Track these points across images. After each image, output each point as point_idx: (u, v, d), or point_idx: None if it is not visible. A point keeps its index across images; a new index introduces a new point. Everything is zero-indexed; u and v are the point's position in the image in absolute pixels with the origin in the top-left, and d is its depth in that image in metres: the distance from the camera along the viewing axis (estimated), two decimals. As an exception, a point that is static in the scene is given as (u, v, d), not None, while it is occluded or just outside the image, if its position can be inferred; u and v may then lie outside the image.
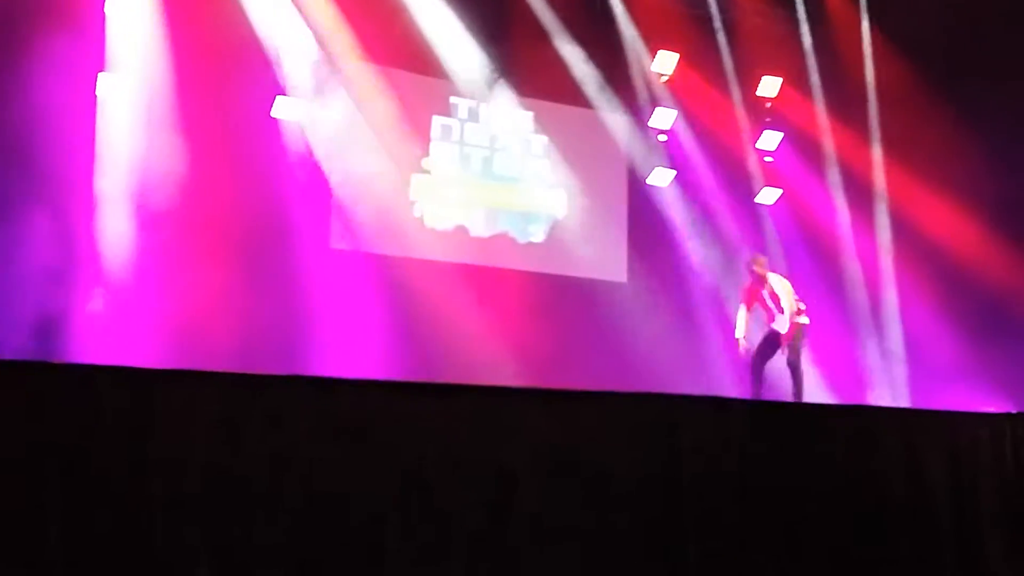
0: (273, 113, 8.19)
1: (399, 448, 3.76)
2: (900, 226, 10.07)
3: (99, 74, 7.48)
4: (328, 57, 8.50)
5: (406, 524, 3.72)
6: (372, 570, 3.62)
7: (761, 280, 7.66)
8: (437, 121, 9.19)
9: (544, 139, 9.61)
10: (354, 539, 3.65)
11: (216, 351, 7.04)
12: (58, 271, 7.10)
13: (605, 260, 9.63)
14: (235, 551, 3.45)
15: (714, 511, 4.40)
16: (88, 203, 7.41)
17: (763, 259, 7.89)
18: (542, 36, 9.25)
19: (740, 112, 10.11)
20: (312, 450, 3.59)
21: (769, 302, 7.63)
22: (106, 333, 7.16)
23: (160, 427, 3.42)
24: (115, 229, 7.44)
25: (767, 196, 10.14)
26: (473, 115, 9.35)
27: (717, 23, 10.03)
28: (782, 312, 7.54)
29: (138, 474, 3.37)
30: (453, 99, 9.25)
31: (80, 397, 3.37)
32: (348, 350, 7.92)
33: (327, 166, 8.53)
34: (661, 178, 9.83)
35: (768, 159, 10.15)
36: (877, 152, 10.29)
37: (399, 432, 3.77)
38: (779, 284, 7.64)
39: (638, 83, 9.81)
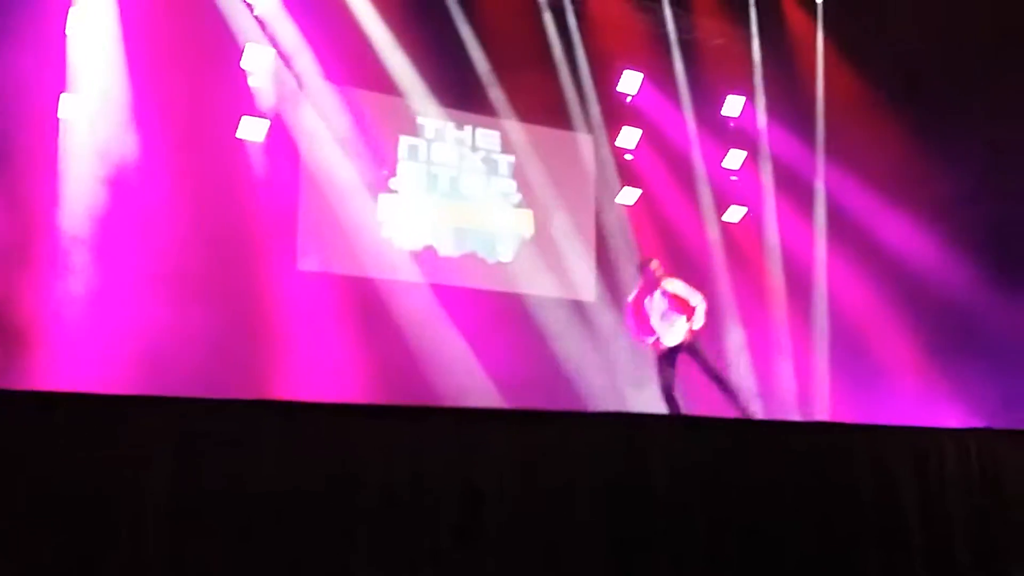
0: (238, 134, 8.14)
1: (366, 470, 3.72)
2: (857, 242, 10.20)
3: (61, 95, 7.39)
4: (293, 78, 8.47)
5: (373, 545, 3.67)
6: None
7: (656, 284, 7.17)
8: (404, 141, 9.18)
9: (511, 158, 9.63)
10: (321, 562, 3.59)
11: (179, 374, 6.94)
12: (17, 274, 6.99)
13: (574, 279, 9.65)
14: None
15: (684, 530, 4.38)
16: (52, 217, 7.30)
17: (657, 262, 7.44)
18: (508, 56, 9.29)
19: (703, 131, 10.22)
20: (277, 474, 3.53)
21: (659, 308, 7.12)
22: (66, 352, 7.04)
23: (121, 454, 3.35)
24: (78, 248, 7.34)
25: (733, 215, 10.25)
26: (440, 135, 9.35)
27: (677, 43, 10.13)
28: (681, 316, 7.03)
29: (99, 502, 3.30)
30: (420, 119, 9.25)
31: (40, 424, 3.30)
32: (316, 372, 7.85)
33: (293, 187, 8.49)
34: (628, 197, 9.90)
35: (733, 178, 10.28)
36: (828, 168, 10.44)
37: (366, 454, 3.73)
38: (680, 288, 7.14)
39: (604, 103, 9.88)
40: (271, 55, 8.30)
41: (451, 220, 9.31)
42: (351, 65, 8.65)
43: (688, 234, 10.09)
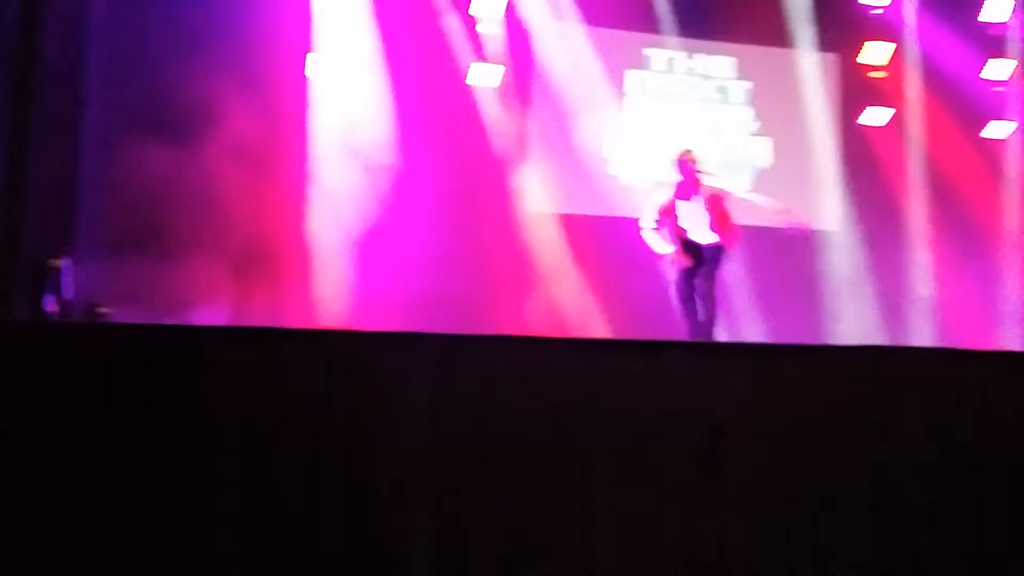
0: (469, 80, 8.35)
1: (608, 404, 3.76)
2: None
3: (307, 55, 7.89)
4: (521, 19, 8.56)
5: (615, 479, 3.73)
6: (584, 521, 3.67)
7: (696, 184, 6.20)
8: (632, 75, 9.03)
9: (747, 84, 9.24)
10: (564, 492, 3.69)
11: (415, 312, 7.29)
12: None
13: (816, 208, 9.18)
14: (453, 502, 3.59)
15: (939, 466, 4.11)
16: (302, 164, 7.86)
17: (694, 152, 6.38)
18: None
19: (959, 40, 9.31)
20: (524, 407, 3.66)
21: (698, 211, 6.23)
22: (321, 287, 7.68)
23: (381, 387, 3.59)
24: (330, 192, 7.88)
25: (996, 130, 9.33)
26: (669, 66, 9.13)
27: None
28: (716, 225, 6.19)
29: (363, 433, 3.56)
30: (647, 51, 9.05)
31: (315, 359, 3.60)
32: (547, 311, 8.03)
33: (522, 129, 8.61)
34: (875, 117, 9.25)
35: (997, 89, 9.32)
36: None
37: (607, 387, 3.78)
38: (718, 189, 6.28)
39: (847, 17, 9.23)
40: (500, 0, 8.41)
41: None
42: (577, 1, 8.61)
43: (943, 154, 9.30)
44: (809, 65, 9.24)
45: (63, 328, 4.56)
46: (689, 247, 6.30)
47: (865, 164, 9.26)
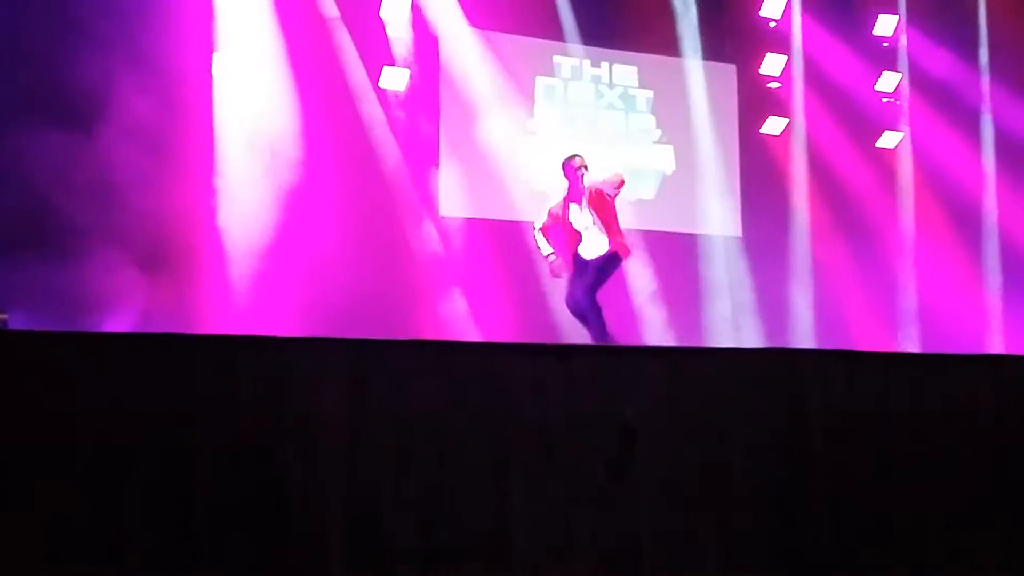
0: (380, 83, 8.29)
1: (521, 408, 3.77)
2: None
3: (213, 54, 7.70)
4: (430, 24, 8.54)
5: (530, 481, 3.74)
6: (499, 526, 3.67)
7: (580, 185, 6.06)
8: (541, 82, 9.11)
9: (650, 93, 9.42)
10: (478, 497, 3.69)
11: (328, 316, 7.18)
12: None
13: (718, 214, 9.43)
14: (368, 508, 3.55)
15: (845, 468, 4.26)
16: (208, 165, 7.65)
17: (581, 158, 6.21)
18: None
19: (856, 54, 9.71)
20: (437, 412, 3.64)
21: (589, 216, 6.10)
22: (228, 292, 7.49)
23: (294, 392, 3.53)
24: (233, 195, 7.70)
25: (888, 140, 9.75)
26: (577, 73, 9.24)
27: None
28: (606, 231, 6.04)
29: (275, 438, 3.50)
30: (556, 58, 9.15)
31: (220, 366, 3.51)
32: (460, 315, 8.02)
33: (433, 134, 8.59)
34: (774, 127, 9.54)
35: (887, 100, 9.74)
36: (994, 88, 9.77)
37: (520, 392, 3.79)
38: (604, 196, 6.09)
39: (746, 30, 9.51)
40: (407, 4, 8.36)
41: (590, 160, 9.19)
42: (486, 8, 8.63)
43: (837, 162, 9.66)
44: (708, 75, 9.48)
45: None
46: (577, 262, 6.14)
47: (763, 171, 9.55)
